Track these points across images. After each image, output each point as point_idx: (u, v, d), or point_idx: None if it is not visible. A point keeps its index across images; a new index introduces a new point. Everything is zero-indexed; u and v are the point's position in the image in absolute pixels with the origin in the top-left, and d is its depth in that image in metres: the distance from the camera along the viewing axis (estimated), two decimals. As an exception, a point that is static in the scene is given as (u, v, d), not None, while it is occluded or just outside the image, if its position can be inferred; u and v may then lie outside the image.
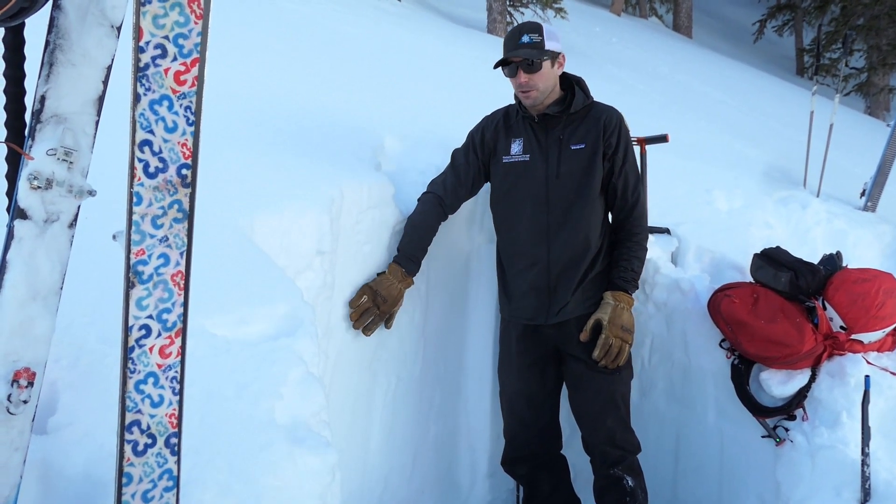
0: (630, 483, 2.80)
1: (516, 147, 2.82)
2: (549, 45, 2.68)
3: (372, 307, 2.72)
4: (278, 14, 5.12)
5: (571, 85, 2.81)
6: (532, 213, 2.79)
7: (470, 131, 2.95)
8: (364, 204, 2.79)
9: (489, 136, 2.89)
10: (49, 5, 1.16)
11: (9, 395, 1.23)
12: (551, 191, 2.76)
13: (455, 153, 2.95)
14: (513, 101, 2.90)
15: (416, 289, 2.91)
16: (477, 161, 2.89)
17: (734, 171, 4.72)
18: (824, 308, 2.95)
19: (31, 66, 1.22)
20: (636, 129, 3.15)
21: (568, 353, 2.85)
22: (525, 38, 2.66)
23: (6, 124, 1.24)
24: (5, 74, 1.23)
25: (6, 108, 1.24)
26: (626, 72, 8.22)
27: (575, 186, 2.75)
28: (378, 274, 2.79)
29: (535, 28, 2.69)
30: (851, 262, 3.26)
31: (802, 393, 2.89)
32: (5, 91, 1.24)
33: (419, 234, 2.84)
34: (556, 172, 2.75)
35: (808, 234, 4.40)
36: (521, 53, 2.65)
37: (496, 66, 2.74)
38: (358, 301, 2.73)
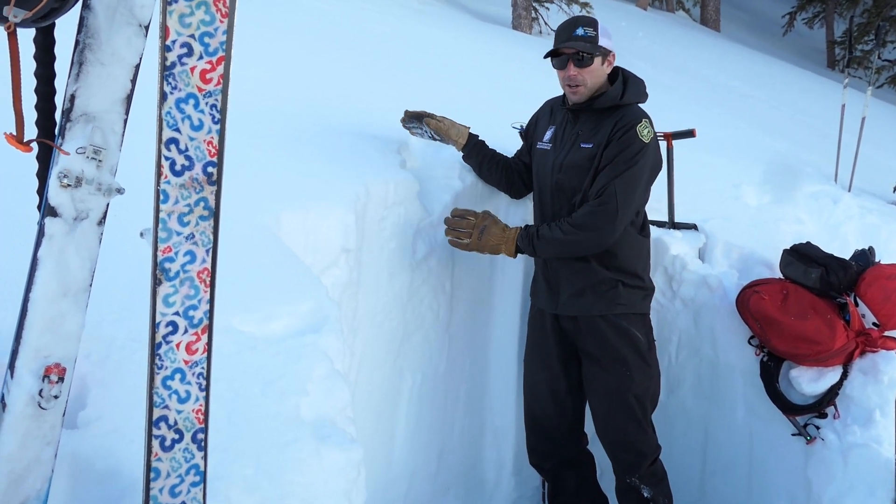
0: (647, 494, 2.79)
1: (548, 135, 2.85)
2: (602, 42, 2.64)
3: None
4: (304, 12, 5.15)
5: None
6: (545, 202, 2.83)
7: None
8: (389, 201, 2.79)
9: (534, 122, 2.97)
10: (79, 5, 1.17)
11: (40, 391, 1.25)
12: (556, 182, 2.77)
13: None
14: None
15: (440, 285, 2.93)
16: (525, 145, 3.00)
17: (763, 165, 4.65)
18: (856, 304, 2.90)
19: (62, 65, 1.24)
20: (663, 125, 3.12)
21: (581, 351, 2.84)
22: (579, 31, 2.62)
23: (37, 123, 1.26)
24: (36, 74, 1.25)
25: (37, 106, 1.26)
26: (653, 67, 8.14)
27: (576, 183, 2.71)
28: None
29: (591, 22, 2.66)
30: (884, 257, 3.20)
31: (834, 390, 2.84)
32: (36, 90, 1.26)
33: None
34: (561, 165, 2.75)
35: (840, 229, 4.33)
36: (575, 45, 2.61)
37: (546, 57, 2.71)
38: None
